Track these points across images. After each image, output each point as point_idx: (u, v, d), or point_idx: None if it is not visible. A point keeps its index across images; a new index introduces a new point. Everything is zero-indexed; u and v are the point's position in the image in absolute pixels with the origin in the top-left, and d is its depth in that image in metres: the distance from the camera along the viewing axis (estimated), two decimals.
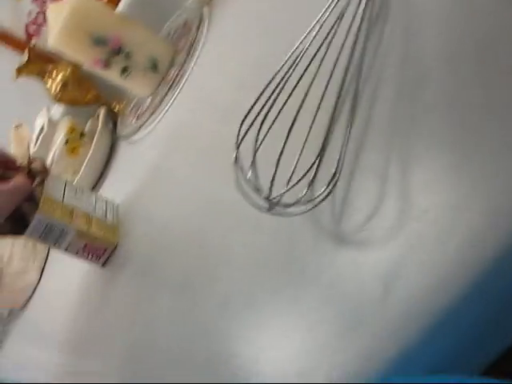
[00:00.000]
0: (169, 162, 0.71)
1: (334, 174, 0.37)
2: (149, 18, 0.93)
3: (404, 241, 0.31)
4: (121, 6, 1.00)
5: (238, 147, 0.38)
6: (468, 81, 0.33)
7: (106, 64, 0.81)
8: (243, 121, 0.38)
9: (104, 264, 0.69)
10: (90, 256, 0.68)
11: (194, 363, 0.42)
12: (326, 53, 0.40)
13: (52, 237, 0.64)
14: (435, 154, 0.32)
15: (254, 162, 0.37)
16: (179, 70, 0.80)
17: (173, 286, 0.52)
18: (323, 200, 0.36)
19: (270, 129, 0.41)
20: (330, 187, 0.37)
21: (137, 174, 0.79)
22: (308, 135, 0.40)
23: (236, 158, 0.38)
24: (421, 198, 0.31)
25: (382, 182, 0.34)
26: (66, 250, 0.66)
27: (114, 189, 0.85)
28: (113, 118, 1.00)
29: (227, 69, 0.68)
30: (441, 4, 0.38)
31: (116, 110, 1.00)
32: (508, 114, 0.29)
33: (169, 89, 0.80)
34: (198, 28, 0.82)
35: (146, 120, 0.83)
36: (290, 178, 0.39)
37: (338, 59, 0.41)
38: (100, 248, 0.68)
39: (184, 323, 0.47)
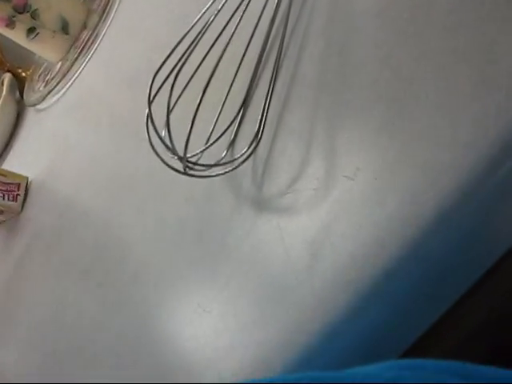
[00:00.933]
0: (79, 133, 0.65)
1: (256, 134, 0.34)
2: None
3: (333, 203, 0.28)
4: None
5: (149, 104, 0.34)
6: (399, 36, 0.30)
7: (10, 23, 0.73)
8: (155, 76, 0.34)
9: (22, 208, 0.64)
10: (6, 196, 0.62)
11: (106, 340, 0.38)
12: (248, 3, 0.37)
13: None
14: (366, 111, 0.29)
15: (167, 120, 0.33)
16: (92, 33, 0.73)
17: (81, 262, 0.48)
18: (244, 161, 0.33)
19: (186, 86, 0.37)
20: (251, 148, 0.33)
21: (45, 144, 0.73)
22: (228, 92, 0.37)
23: (148, 116, 0.34)
24: (351, 156, 0.28)
25: (308, 141, 0.31)
26: None
27: (22, 160, 0.79)
28: (19, 85, 0.92)
29: (142, 30, 0.63)
30: None
31: (23, 76, 0.92)
32: (442, 64, 0.27)
33: (80, 53, 0.74)
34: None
35: (55, 86, 0.76)
36: (209, 137, 0.36)
37: (262, 12, 0.38)
38: (12, 184, 0.63)
39: (94, 301, 0.42)
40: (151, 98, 0.34)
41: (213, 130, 0.37)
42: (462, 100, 0.25)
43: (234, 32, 0.35)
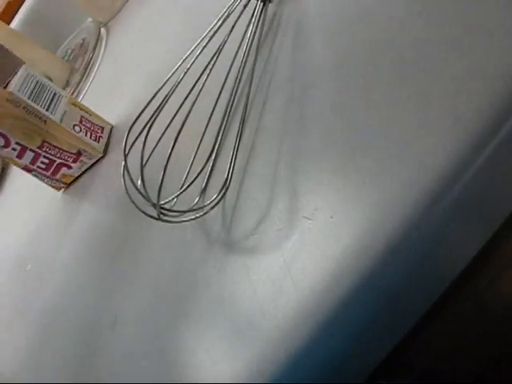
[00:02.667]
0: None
1: (225, 182, 0.36)
2: (45, 37, 0.90)
3: (295, 242, 0.30)
4: (15, 22, 0.96)
5: (125, 157, 0.37)
6: (351, 88, 0.33)
7: None
8: (129, 131, 0.37)
9: (104, 154, 0.59)
10: (88, 134, 0.58)
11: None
12: (215, 61, 0.40)
13: (44, 99, 0.54)
14: (323, 155, 0.32)
15: (141, 171, 0.36)
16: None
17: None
18: (214, 207, 0.36)
19: (159, 139, 0.40)
20: (220, 194, 0.36)
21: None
22: (199, 144, 0.39)
23: (124, 167, 0.36)
24: (311, 197, 0.31)
25: (272, 186, 0.34)
26: (61, 121, 0.55)
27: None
28: None
29: (121, 87, 0.66)
30: (326, 20, 0.39)
31: None
32: (388, 113, 0.30)
33: None
34: (95, 48, 0.80)
35: None
36: (182, 186, 0.38)
37: (229, 70, 0.41)
38: (96, 125, 0.59)
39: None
40: (127, 151, 0.36)
41: (185, 178, 0.39)
42: (404, 144, 0.28)
43: (201, 89, 0.39)
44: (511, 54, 0.27)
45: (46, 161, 0.58)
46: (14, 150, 0.56)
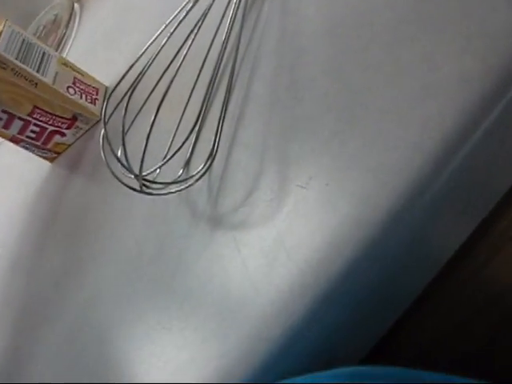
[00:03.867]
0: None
1: (211, 152, 0.34)
2: (15, 14, 0.86)
3: (288, 212, 0.28)
4: None
5: (105, 125, 0.34)
6: (347, 51, 0.31)
7: None
8: (108, 97, 0.35)
9: (101, 115, 0.53)
10: (83, 96, 0.52)
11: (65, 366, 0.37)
12: (200, 27, 0.38)
13: (33, 59, 0.48)
14: (317, 122, 0.30)
15: (123, 140, 0.33)
16: None
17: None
18: (199, 178, 0.34)
19: (141, 108, 0.37)
20: (206, 165, 0.34)
21: None
22: (183, 113, 0.37)
23: (104, 136, 0.34)
24: (304, 166, 0.29)
25: (262, 155, 0.32)
26: (54, 83, 0.49)
27: None
28: None
29: (98, 61, 0.63)
30: None
31: None
32: (387, 74, 0.28)
33: None
34: (68, 23, 0.77)
35: None
36: (165, 156, 0.36)
37: (215, 35, 0.39)
38: (91, 86, 0.54)
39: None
40: (106, 119, 0.34)
41: (169, 149, 0.37)
42: (407, 106, 0.26)
43: (185, 55, 0.36)
44: None
45: (37, 129, 0.52)
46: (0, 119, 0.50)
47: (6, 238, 0.57)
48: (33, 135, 0.53)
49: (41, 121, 0.51)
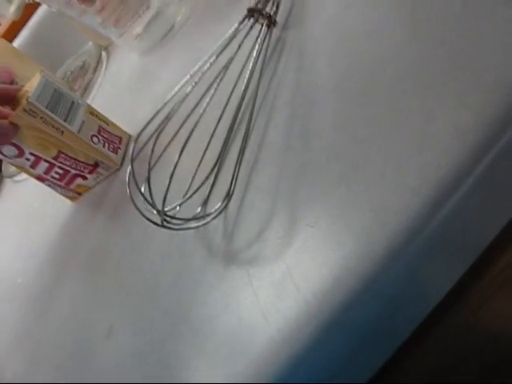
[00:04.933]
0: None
1: (228, 192, 0.37)
2: (46, 57, 0.91)
3: (297, 248, 0.31)
4: (18, 41, 0.98)
5: (132, 163, 0.37)
6: (353, 105, 0.35)
7: None
8: (137, 138, 0.38)
9: (121, 163, 0.57)
10: (106, 145, 0.55)
11: None
12: (221, 79, 0.41)
13: (62, 108, 0.51)
14: (325, 168, 0.33)
15: (148, 177, 0.36)
16: None
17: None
18: (216, 216, 0.36)
19: (165, 149, 0.41)
20: (223, 204, 0.37)
21: (19, 217, 0.75)
22: (204, 155, 0.40)
23: (130, 173, 0.37)
24: (313, 207, 0.32)
25: (274, 197, 0.35)
26: (79, 131, 0.52)
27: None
28: None
29: (122, 108, 0.67)
30: (329, 43, 0.41)
31: None
32: (389, 125, 0.31)
33: None
34: (95, 70, 0.81)
35: None
36: (186, 194, 0.39)
37: (235, 86, 0.42)
38: (115, 135, 0.57)
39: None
40: (133, 157, 0.37)
41: (189, 188, 0.40)
42: (406, 155, 0.29)
43: (208, 104, 0.40)
44: (508, 66, 0.28)
45: (61, 171, 0.56)
46: (27, 159, 0.54)
47: (27, 269, 0.60)
48: (57, 176, 0.57)
49: (65, 164, 0.55)
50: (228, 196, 0.37)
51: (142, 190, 0.36)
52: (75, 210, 0.60)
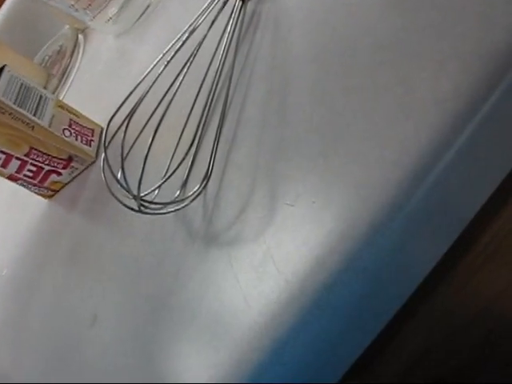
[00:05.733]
0: None
1: (206, 173, 0.36)
2: (22, 43, 0.89)
3: (277, 228, 0.30)
4: None
5: (105, 149, 0.36)
6: (331, 76, 0.33)
7: None
8: (109, 122, 0.36)
9: (96, 155, 0.55)
10: (79, 138, 0.53)
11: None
12: (195, 56, 0.40)
13: (30, 103, 0.49)
14: (304, 142, 0.32)
15: (122, 163, 0.35)
16: None
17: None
18: (195, 198, 0.35)
19: (140, 132, 0.39)
20: (201, 186, 0.36)
21: (2, 207, 0.73)
22: (180, 137, 0.39)
23: (104, 159, 0.36)
24: (292, 184, 0.31)
25: (253, 176, 0.34)
26: (50, 126, 0.50)
27: None
28: None
29: (100, 91, 0.66)
30: (304, 15, 0.39)
31: None
32: (368, 97, 0.30)
33: None
34: (72, 54, 0.79)
35: None
36: (163, 177, 0.38)
37: (210, 63, 0.41)
38: (86, 128, 0.55)
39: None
40: (106, 144, 0.36)
41: (167, 171, 0.39)
42: (386, 126, 0.28)
43: (181, 82, 0.38)
44: (488, 34, 0.27)
45: (34, 168, 0.54)
46: None
47: (11, 260, 0.59)
48: (30, 174, 0.55)
49: (37, 161, 0.53)
50: (206, 177, 0.36)
51: (118, 176, 0.34)
52: (55, 201, 0.59)
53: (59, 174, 0.56)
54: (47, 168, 0.54)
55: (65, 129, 0.52)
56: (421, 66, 0.28)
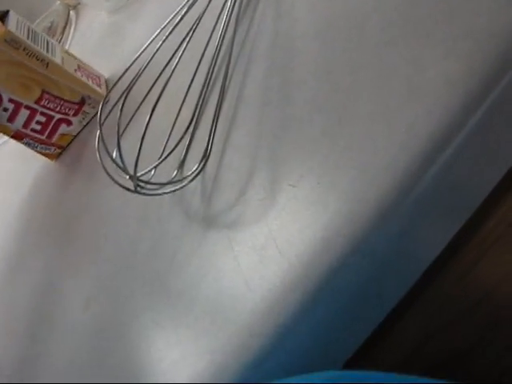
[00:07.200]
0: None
1: (205, 153, 0.35)
2: None
3: (280, 210, 0.29)
4: None
5: (100, 126, 0.35)
6: (336, 53, 0.32)
7: None
8: (104, 99, 0.35)
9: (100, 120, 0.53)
10: (90, 79, 0.53)
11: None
12: (194, 31, 0.38)
13: (40, 42, 0.48)
14: (307, 122, 0.31)
15: (118, 141, 0.34)
16: None
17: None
18: (193, 179, 0.34)
19: (137, 110, 0.38)
20: (200, 166, 0.35)
21: None
22: (178, 115, 0.38)
23: (99, 137, 0.35)
24: (295, 165, 0.30)
25: (254, 155, 0.33)
26: (63, 64, 0.50)
27: None
28: None
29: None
30: None
31: None
32: (376, 76, 0.29)
33: None
34: (64, 30, 0.77)
35: None
36: (160, 158, 0.37)
37: (209, 38, 0.40)
38: (93, 74, 0.55)
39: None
40: (102, 121, 0.34)
41: (164, 150, 0.38)
42: (395, 106, 0.27)
43: (180, 59, 0.37)
44: (500, 13, 0.26)
45: (43, 119, 0.52)
46: (5, 110, 0.49)
47: (5, 239, 0.58)
48: (38, 128, 0.53)
49: (48, 108, 0.51)
50: (205, 157, 0.35)
51: (114, 155, 0.33)
52: (51, 175, 0.57)
53: (69, 123, 0.54)
54: (57, 116, 0.53)
55: (76, 69, 0.51)
56: (431, 44, 0.27)
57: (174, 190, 0.34)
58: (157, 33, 0.38)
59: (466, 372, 0.34)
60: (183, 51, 0.37)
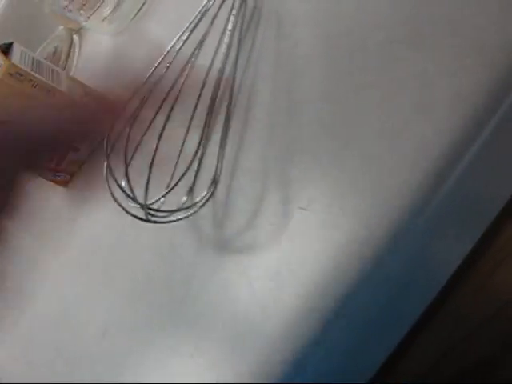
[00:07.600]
0: None
1: (214, 178, 0.35)
2: None
3: (291, 233, 0.29)
4: None
5: (107, 157, 0.35)
6: (340, 73, 0.32)
7: None
8: (112, 127, 0.35)
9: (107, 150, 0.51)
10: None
11: None
12: (197, 55, 0.38)
13: (45, 73, 0.48)
14: (314, 143, 0.31)
15: (126, 170, 0.34)
16: None
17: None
18: (203, 204, 0.34)
19: (142, 137, 0.38)
20: (210, 191, 0.34)
21: None
22: (184, 141, 0.38)
23: (107, 167, 0.35)
24: (305, 188, 0.30)
25: (263, 180, 0.32)
26: (69, 92, 0.49)
27: None
28: None
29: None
30: (309, 8, 0.38)
31: None
32: (381, 94, 0.28)
33: None
34: (68, 56, 0.78)
35: None
36: (169, 185, 0.37)
37: (211, 63, 0.39)
38: (101, 98, 0.54)
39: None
40: (108, 151, 0.34)
41: (172, 177, 0.37)
42: (403, 124, 0.27)
43: (183, 84, 0.37)
44: (507, 28, 0.26)
45: None
46: None
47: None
48: None
49: None
50: (214, 182, 0.35)
51: (123, 184, 0.33)
52: (60, 204, 0.57)
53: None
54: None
55: (82, 96, 0.51)
56: (437, 59, 0.27)
57: (185, 217, 0.34)
58: (160, 59, 0.38)
59: (489, 379, 0.33)
60: (186, 77, 0.38)
